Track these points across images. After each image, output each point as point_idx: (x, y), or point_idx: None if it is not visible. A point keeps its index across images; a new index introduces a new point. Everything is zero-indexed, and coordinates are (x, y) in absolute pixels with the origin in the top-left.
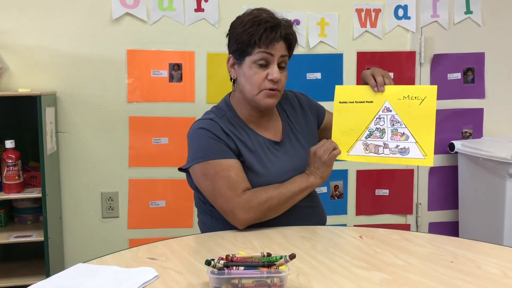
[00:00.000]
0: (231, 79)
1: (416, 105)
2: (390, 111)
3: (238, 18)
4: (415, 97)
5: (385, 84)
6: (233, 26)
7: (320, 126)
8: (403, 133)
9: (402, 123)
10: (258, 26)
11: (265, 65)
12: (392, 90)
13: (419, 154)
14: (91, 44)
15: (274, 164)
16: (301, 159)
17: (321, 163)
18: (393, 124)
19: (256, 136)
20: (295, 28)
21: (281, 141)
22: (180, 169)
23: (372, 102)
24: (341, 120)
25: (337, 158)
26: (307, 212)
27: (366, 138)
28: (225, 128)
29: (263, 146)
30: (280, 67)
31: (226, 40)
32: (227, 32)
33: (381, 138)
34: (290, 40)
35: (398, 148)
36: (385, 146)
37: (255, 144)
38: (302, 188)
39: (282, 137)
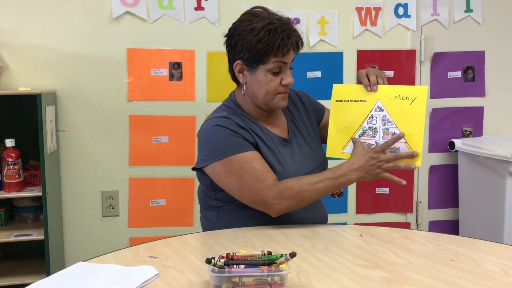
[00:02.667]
0: (233, 79)
1: (406, 105)
2: (382, 110)
3: (245, 23)
4: (406, 97)
5: (378, 84)
6: (241, 32)
7: (320, 124)
8: (394, 132)
9: (393, 122)
10: (274, 35)
11: (279, 72)
12: (385, 90)
13: None
14: (91, 43)
15: (288, 161)
16: (308, 156)
17: (373, 174)
18: (385, 124)
19: (268, 133)
20: (298, 26)
21: (289, 138)
22: (194, 168)
23: (365, 101)
24: (337, 118)
25: (332, 156)
26: (312, 208)
27: (359, 137)
28: (240, 123)
29: (275, 142)
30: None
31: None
32: (228, 34)
33: (373, 137)
34: (298, 44)
35: (389, 147)
36: (377, 145)
37: (269, 140)
38: (341, 185)
39: (289, 134)
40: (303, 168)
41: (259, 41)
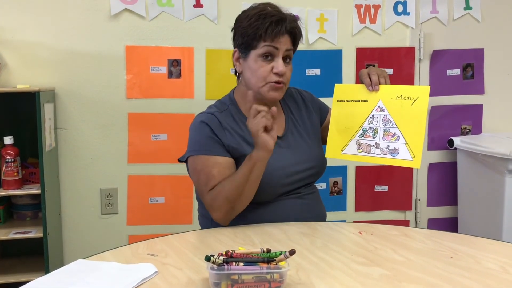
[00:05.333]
0: (235, 73)
1: (408, 106)
2: (383, 110)
3: (244, 12)
4: (408, 97)
5: (380, 84)
6: (239, 20)
7: (323, 124)
8: (394, 133)
9: (394, 123)
10: (264, 19)
11: (270, 58)
12: (386, 90)
13: (408, 156)
14: (89, 40)
15: (276, 157)
16: (303, 153)
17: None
18: (385, 124)
19: None
20: (300, 23)
21: (283, 135)
22: (179, 160)
23: (367, 101)
24: (338, 118)
25: (331, 156)
26: (308, 208)
27: (359, 137)
28: (224, 122)
29: None
30: (285, 61)
31: (225, 36)
32: (232, 26)
33: (374, 138)
34: (295, 34)
35: (389, 148)
36: (377, 145)
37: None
38: (250, 167)
39: (285, 131)
40: (295, 166)
41: (249, 25)
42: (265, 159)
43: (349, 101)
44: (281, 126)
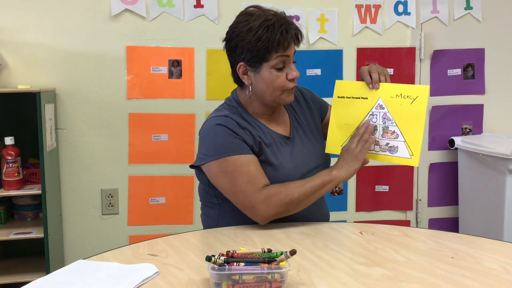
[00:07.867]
0: (235, 80)
1: (407, 104)
2: (383, 108)
3: (241, 24)
4: (407, 96)
5: (380, 81)
6: (240, 33)
7: (323, 120)
8: (394, 131)
9: (393, 121)
10: (272, 31)
11: (283, 66)
12: (386, 88)
13: (407, 154)
14: (90, 41)
15: (289, 158)
16: (311, 154)
17: (352, 157)
18: (385, 122)
19: (269, 131)
20: (294, 21)
21: (291, 136)
22: (191, 166)
23: (367, 98)
24: (338, 114)
25: (331, 152)
26: (312, 208)
27: None
28: (241, 122)
29: (276, 140)
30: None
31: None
32: (227, 38)
33: (373, 135)
34: (298, 36)
35: (388, 146)
36: (376, 143)
37: (269, 139)
38: (324, 182)
39: (291, 131)
40: (305, 165)
41: (258, 39)
42: (342, 181)
43: (349, 97)
44: (287, 126)
